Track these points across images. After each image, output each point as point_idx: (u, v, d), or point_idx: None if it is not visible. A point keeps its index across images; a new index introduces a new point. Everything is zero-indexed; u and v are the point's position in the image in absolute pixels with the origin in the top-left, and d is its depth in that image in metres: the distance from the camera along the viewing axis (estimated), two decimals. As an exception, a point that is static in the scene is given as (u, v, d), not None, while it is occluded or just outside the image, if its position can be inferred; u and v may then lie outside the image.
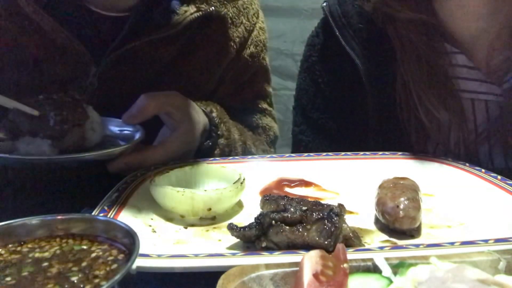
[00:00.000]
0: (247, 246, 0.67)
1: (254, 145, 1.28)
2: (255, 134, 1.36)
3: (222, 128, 1.11)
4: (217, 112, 1.12)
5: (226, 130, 1.12)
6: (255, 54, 1.31)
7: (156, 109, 0.98)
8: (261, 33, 1.34)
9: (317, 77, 1.22)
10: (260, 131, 1.37)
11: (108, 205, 0.76)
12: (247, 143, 1.24)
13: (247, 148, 1.23)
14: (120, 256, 0.51)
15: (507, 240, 0.61)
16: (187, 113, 1.01)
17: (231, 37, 1.23)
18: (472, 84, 1.07)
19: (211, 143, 1.09)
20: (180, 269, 0.59)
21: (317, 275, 0.49)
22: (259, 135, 1.37)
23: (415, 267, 0.49)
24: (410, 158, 1.00)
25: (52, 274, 0.48)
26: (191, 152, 1.05)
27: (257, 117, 1.37)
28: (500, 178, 0.86)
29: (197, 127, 1.03)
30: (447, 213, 0.79)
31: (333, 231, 0.62)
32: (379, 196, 0.76)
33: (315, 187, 0.92)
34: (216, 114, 1.12)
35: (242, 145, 1.21)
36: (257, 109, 1.38)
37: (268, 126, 1.40)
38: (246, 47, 1.28)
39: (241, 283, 0.49)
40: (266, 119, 1.40)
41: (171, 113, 0.99)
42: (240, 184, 0.81)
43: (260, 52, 1.33)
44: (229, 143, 1.13)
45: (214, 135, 1.10)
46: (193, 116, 1.02)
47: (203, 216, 0.78)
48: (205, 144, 1.08)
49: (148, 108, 0.96)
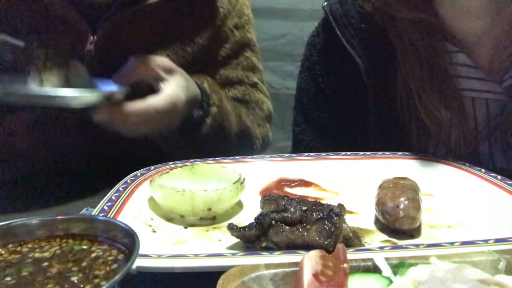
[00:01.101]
0: (247, 246, 0.67)
1: (249, 119, 1.31)
2: (249, 109, 1.37)
3: (214, 97, 1.14)
4: (208, 83, 1.15)
5: (217, 99, 1.14)
6: (239, 26, 1.35)
7: (145, 71, 1.00)
8: (244, 7, 1.40)
9: (317, 76, 1.22)
10: (253, 105, 1.39)
11: (108, 205, 0.76)
12: (241, 116, 1.26)
13: (242, 120, 1.26)
14: (120, 256, 0.51)
15: (507, 240, 0.61)
16: (175, 78, 1.02)
17: (215, 7, 1.28)
18: (473, 83, 1.07)
19: (202, 113, 1.11)
20: (180, 269, 0.59)
21: (317, 275, 0.49)
22: (253, 109, 1.38)
23: (415, 267, 0.49)
24: (410, 158, 1.00)
25: (52, 274, 0.48)
26: (177, 119, 1.05)
27: (248, 92, 1.38)
28: (500, 178, 0.86)
29: (185, 93, 1.03)
30: (447, 213, 0.79)
31: (333, 231, 0.62)
32: (379, 196, 0.76)
33: (315, 187, 0.92)
34: (207, 84, 1.14)
35: (236, 117, 1.23)
36: (247, 82, 1.39)
37: (260, 101, 1.41)
38: (230, 18, 1.33)
39: (241, 283, 0.49)
40: (258, 95, 1.41)
41: (160, 76, 1.00)
42: (240, 184, 0.81)
43: (244, 25, 1.37)
44: (221, 111, 1.15)
45: (205, 104, 1.11)
46: (182, 82, 1.03)
47: (203, 216, 0.78)
48: (196, 114, 1.10)
49: (137, 69, 1.00)
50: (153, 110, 0.96)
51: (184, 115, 1.06)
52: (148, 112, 0.95)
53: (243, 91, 1.36)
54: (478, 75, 1.07)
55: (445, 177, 0.92)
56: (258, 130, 1.36)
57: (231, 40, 1.33)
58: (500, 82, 1.05)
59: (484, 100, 1.07)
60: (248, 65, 1.38)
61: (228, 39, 1.32)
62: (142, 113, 0.95)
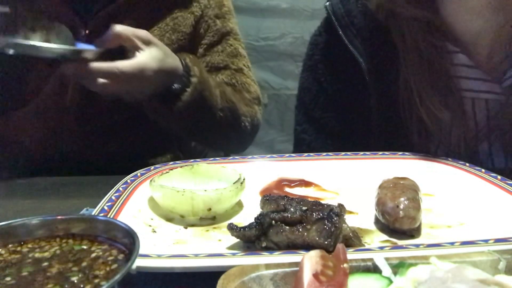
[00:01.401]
0: (247, 246, 0.67)
1: (235, 97, 1.36)
2: (236, 91, 1.42)
3: (195, 69, 1.20)
4: (189, 58, 1.23)
5: (198, 71, 1.21)
6: (220, 15, 1.43)
7: (123, 39, 1.08)
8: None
9: (319, 75, 1.23)
10: (240, 88, 1.43)
11: (108, 205, 0.76)
12: (226, 93, 1.32)
13: (226, 96, 1.31)
14: (120, 256, 0.51)
15: (507, 240, 0.61)
16: (151, 49, 1.10)
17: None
18: (472, 83, 1.07)
19: (181, 85, 1.18)
20: (180, 269, 0.59)
21: (317, 275, 0.49)
22: (240, 92, 1.43)
23: (415, 267, 0.49)
24: (410, 158, 1.00)
25: (52, 274, 0.48)
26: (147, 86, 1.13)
27: (234, 76, 1.43)
28: (500, 178, 0.86)
29: (158, 63, 1.11)
30: (447, 213, 0.79)
31: (333, 231, 0.62)
32: (379, 196, 0.76)
33: (315, 187, 0.92)
34: (189, 59, 1.22)
35: (220, 93, 1.29)
36: (233, 67, 1.44)
37: (247, 84, 1.46)
38: (210, 8, 1.42)
39: (241, 283, 0.49)
40: (245, 79, 1.46)
41: (136, 45, 1.09)
42: (240, 184, 0.81)
43: (225, 14, 1.45)
44: (202, 82, 1.21)
45: (185, 77, 1.18)
46: (157, 54, 1.11)
47: (203, 216, 0.78)
48: (175, 86, 1.17)
49: (116, 36, 1.07)
50: (117, 71, 1.04)
51: (159, 85, 1.14)
52: (112, 71, 1.04)
53: (229, 75, 1.42)
54: (478, 75, 1.07)
55: (445, 177, 0.92)
56: (245, 109, 1.40)
57: (212, 29, 1.41)
58: (500, 82, 1.05)
59: (484, 100, 1.07)
60: (232, 52, 1.45)
61: (210, 27, 1.41)
62: (106, 71, 1.04)
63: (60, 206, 0.95)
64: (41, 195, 1.04)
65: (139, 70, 1.07)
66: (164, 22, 1.34)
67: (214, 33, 1.42)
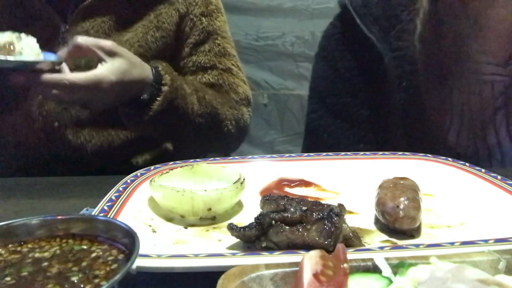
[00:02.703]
0: (247, 246, 0.67)
1: (217, 101, 1.35)
2: (222, 93, 1.41)
3: (166, 77, 1.19)
4: (162, 66, 1.22)
5: (170, 80, 1.20)
6: (206, 14, 1.41)
7: (84, 50, 1.09)
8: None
9: (336, 62, 1.26)
10: (227, 89, 1.42)
11: (108, 205, 0.76)
12: (206, 98, 1.31)
13: (206, 101, 1.31)
14: (120, 256, 0.51)
15: (507, 240, 0.61)
16: (114, 61, 1.10)
17: None
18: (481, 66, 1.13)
19: (149, 95, 1.17)
20: (180, 269, 0.59)
21: (317, 275, 0.49)
22: (227, 93, 1.42)
23: (415, 267, 0.49)
24: (410, 158, 1.00)
25: (52, 274, 0.48)
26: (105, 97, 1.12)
27: (221, 76, 1.42)
28: (500, 178, 0.86)
29: (119, 76, 1.10)
30: (447, 213, 0.79)
31: (333, 231, 0.62)
32: (379, 196, 0.76)
33: (315, 187, 0.92)
34: (161, 67, 1.21)
35: (198, 98, 1.29)
36: (220, 67, 1.43)
37: (235, 85, 1.44)
38: (196, 6, 1.40)
39: (241, 283, 0.49)
40: (233, 79, 1.44)
41: (99, 57, 1.09)
42: (240, 184, 0.81)
43: (212, 13, 1.43)
44: (173, 91, 1.20)
45: (155, 86, 1.18)
46: (119, 65, 1.11)
47: (203, 216, 0.78)
48: (143, 97, 1.17)
49: (78, 48, 1.08)
50: (67, 82, 1.04)
51: (123, 95, 1.14)
52: (62, 83, 1.04)
53: (216, 75, 1.41)
54: (486, 59, 1.12)
55: (445, 177, 0.92)
56: (229, 112, 1.39)
57: (198, 27, 1.40)
58: (505, 66, 1.11)
59: (490, 82, 1.13)
60: (219, 51, 1.43)
61: (195, 26, 1.39)
62: (56, 83, 1.05)
63: (60, 206, 0.95)
64: (41, 195, 1.04)
65: (94, 82, 1.07)
66: (148, 19, 1.33)
67: (200, 32, 1.40)
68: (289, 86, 3.48)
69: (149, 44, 1.32)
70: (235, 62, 1.47)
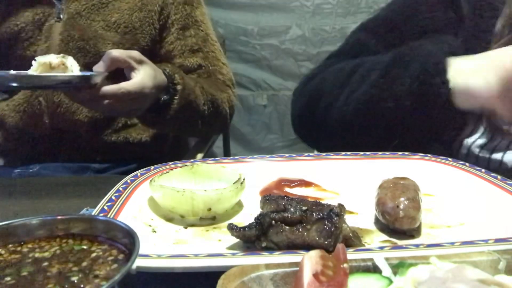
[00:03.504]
0: (247, 246, 0.67)
1: (212, 88, 1.47)
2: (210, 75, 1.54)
3: (176, 77, 1.30)
4: (169, 68, 1.32)
5: (180, 78, 1.30)
6: (188, 3, 1.53)
7: (120, 61, 1.15)
8: None
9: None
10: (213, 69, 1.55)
11: (108, 205, 0.76)
12: (204, 87, 1.43)
13: (205, 90, 1.42)
14: (120, 256, 0.51)
15: (507, 240, 0.61)
16: (144, 67, 1.17)
17: None
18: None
19: (169, 96, 1.28)
20: (180, 269, 0.59)
21: (317, 275, 0.49)
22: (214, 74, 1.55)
23: (415, 267, 0.49)
24: (410, 158, 1.00)
25: (52, 274, 0.48)
26: (145, 103, 1.21)
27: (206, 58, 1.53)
28: (500, 178, 0.86)
29: (152, 80, 1.19)
30: (447, 213, 0.79)
31: (333, 231, 0.62)
32: (379, 196, 0.76)
33: (315, 187, 0.92)
34: (169, 69, 1.31)
35: (200, 89, 1.40)
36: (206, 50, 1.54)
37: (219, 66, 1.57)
38: None
39: (241, 283, 0.49)
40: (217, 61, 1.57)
41: (131, 66, 1.16)
42: (240, 184, 0.81)
43: (193, 3, 1.54)
44: (185, 87, 1.31)
45: (171, 86, 1.28)
46: (149, 71, 1.19)
47: (203, 216, 0.78)
48: (164, 99, 1.27)
49: (114, 59, 1.14)
50: (124, 92, 1.12)
51: (152, 99, 1.23)
52: (119, 93, 1.11)
53: (203, 58, 1.53)
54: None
55: (445, 177, 0.92)
56: (222, 95, 1.51)
57: (183, 14, 1.51)
58: None
59: None
60: (203, 36, 1.55)
61: (180, 13, 1.51)
62: (114, 94, 1.11)
63: (60, 206, 0.95)
64: (41, 195, 1.04)
65: (141, 89, 1.15)
66: (133, 2, 1.44)
67: (185, 18, 1.52)
68: (289, 86, 3.33)
69: (133, 24, 1.43)
70: (218, 47, 1.60)
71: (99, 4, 1.41)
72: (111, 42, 1.40)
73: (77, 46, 1.38)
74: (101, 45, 1.39)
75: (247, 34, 3.32)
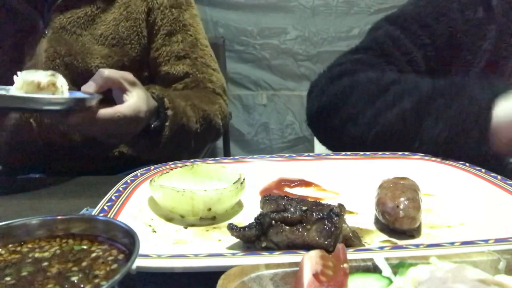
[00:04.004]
0: (247, 246, 0.67)
1: (204, 102, 1.40)
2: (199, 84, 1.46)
3: (166, 101, 1.21)
4: (157, 91, 1.25)
5: (169, 101, 1.22)
6: (176, 6, 1.45)
7: (112, 82, 1.10)
8: None
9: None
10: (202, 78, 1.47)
11: (108, 205, 0.76)
12: (195, 104, 1.36)
13: (197, 107, 1.35)
14: (120, 256, 0.51)
15: (507, 240, 0.61)
16: (137, 90, 1.12)
17: None
18: None
19: (159, 121, 1.20)
20: (180, 269, 0.59)
21: (317, 275, 0.49)
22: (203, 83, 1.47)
23: (415, 267, 0.49)
24: (410, 158, 1.00)
25: (52, 274, 0.48)
26: (139, 127, 1.15)
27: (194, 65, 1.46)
28: (500, 178, 0.86)
29: (146, 104, 1.13)
30: (447, 213, 0.79)
31: (333, 231, 0.62)
32: (379, 196, 0.76)
33: (315, 187, 0.92)
34: (157, 92, 1.24)
35: (192, 108, 1.33)
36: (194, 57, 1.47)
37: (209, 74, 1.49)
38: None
39: (241, 283, 0.49)
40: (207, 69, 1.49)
41: (124, 88, 1.10)
42: (240, 184, 0.81)
43: (181, 5, 1.47)
44: (175, 111, 1.23)
45: (161, 110, 1.20)
46: (142, 94, 1.14)
47: (203, 216, 0.78)
48: (154, 124, 1.19)
49: (108, 79, 1.09)
50: (120, 116, 1.07)
51: (144, 125, 1.16)
52: (115, 117, 1.06)
53: (190, 65, 1.45)
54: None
55: (445, 177, 0.92)
56: (214, 108, 1.43)
57: (170, 18, 1.44)
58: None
59: None
60: (192, 41, 1.47)
61: (166, 17, 1.43)
62: (110, 118, 1.06)
63: (60, 206, 0.95)
64: (41, 195, 1.04)
65: (136, 112, 1.10)
66: (118, 12, 1.37)
67: (171, 22, 1.44)
68: (289, 86, 3.37)
69: (120, 35, 1.36)
70: (208, 52, 1.52)
71: (85, 16, 1.34)
72: (100, 56, 1.33)
73: (64, 62, 1.31)
74: (89, 59, 1.32)
75: (247, 34, 3.34)
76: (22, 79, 1.00)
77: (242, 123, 3.45)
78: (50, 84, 1.01)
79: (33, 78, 1.00)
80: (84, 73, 1.31)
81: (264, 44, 3.35)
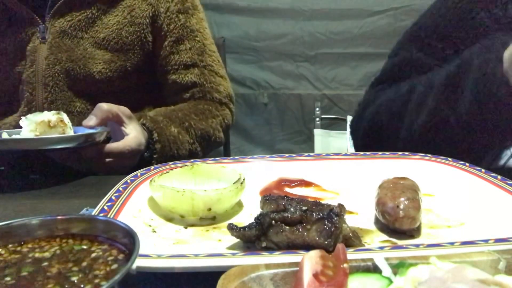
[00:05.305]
0: (247, 246, 0.67)
1: (203, 119, 1.39)
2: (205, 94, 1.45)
3: (155, 135, 1.23)
4: (148, 122, 1.24)
5: (159, 134, 1.23)
6: (183, 11, 1.43)
7: (111, 116, 1.12)
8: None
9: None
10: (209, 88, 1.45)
11: (108, 205, 0.76)
12: (192, 124, 1.35)
13: (194, 128, 1.34)
14: (120, 256, 0.51)
15: (507, 240, 0.61)
16: (133, 123, 1.16)
17: None
18: None
19: (149, 153, 1.22)
20: (180, 269, 0.59)
21: (317, 275, 0.49)
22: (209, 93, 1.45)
23: (415, 267, 0.49)
24: (410, 158, 1.00)
25: (52, 274, 0.48)
26: (136, 160, 1.18)
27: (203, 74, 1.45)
28: (500, 178, 0.86)
29: (143, 136, 1.18)
30: (447, 213, 0.79)
31: (333, 231, 0.62)
32: (379, 196, 0.76)
33: (315, 187, 0.92)
34: (148, 123, 1.23)
35: (188, 129, 1.32)
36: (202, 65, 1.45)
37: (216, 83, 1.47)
38: (172, 4, 1.41)
39: (241, 283, 0.49)
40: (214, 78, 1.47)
41: (123, 121, 1.14)
42: (240, 184, 0.81)
43: (188, 10, 1.43)
44: (164, 144, 1.24)
45: (151, 142, 1.22)
46: (138, 127, 1.18)
47: (203, 216, 0.78)
48: (145, 155, 1.21)
49: (107, 112, 1.12)
50: (129, 149, 1.12)
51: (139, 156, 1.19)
52: (124, 150, 1.11)
53: (198, 74, 1.43)
54: None
55: (445, 177, 0.92)
56: (215, 122, 1.43)
57: (177, 24, 1.41)
58: None
59: None
60: (200, 48, 1.45)
61: (173, 23, 1.41)
62: (120, 151, 1.11)
63: (60, 206, 0.95)
64: (41, 195, 1.04)
65: (138, 145, 1.14)
66: (122, 15, 1.34)
67: (179, 29, 1.41)
68: (289, 85, 3.54)
69: (123, 40, 1.33)
70: (216, 58, 1.50)
71: (86, 19, 1.31)
72: (102, 61, 1.31)
73: (65, 68, 1.29)
74: (91, 65, 1.30)
75: (248, 37, 3.49)
76: (33, 122, 1.04)
77: (245, 120, 3.61)
78: (59, 121, 1.06)
79: (43, 118, 1.04)
80: (86, 79, 1.30)
81: (265, 46, 3.51)
